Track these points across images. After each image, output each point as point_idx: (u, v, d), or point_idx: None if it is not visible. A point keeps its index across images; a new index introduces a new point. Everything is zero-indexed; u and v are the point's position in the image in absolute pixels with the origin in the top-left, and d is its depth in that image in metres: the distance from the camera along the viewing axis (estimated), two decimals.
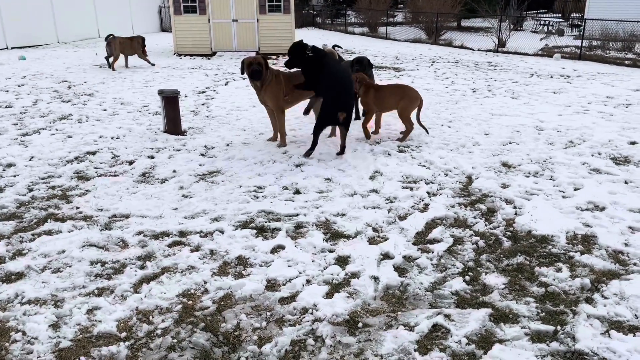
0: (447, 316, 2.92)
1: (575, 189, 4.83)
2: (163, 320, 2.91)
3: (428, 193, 4.76)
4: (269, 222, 4.15)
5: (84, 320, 2.90)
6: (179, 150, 6.18)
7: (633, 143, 6.34)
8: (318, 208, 4.42)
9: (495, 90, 10.15)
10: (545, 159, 5.73)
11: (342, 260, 3.56)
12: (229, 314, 2.96)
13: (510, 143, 6.40)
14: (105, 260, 3.55)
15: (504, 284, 3.26)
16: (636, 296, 3.08)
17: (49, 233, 3.96)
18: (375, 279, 3.32)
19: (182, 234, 3.96)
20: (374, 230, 4.02)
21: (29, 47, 18.23)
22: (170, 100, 6.71)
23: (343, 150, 5.89)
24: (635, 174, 5.21)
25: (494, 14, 21.25)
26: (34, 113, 8.04)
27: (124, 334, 2.79)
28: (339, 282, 3.29)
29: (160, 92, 6.74)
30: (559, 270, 3.41)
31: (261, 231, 4.01)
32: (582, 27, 17.92)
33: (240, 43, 16.82)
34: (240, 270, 3.44)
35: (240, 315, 2.95)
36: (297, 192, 4.80)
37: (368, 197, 4.65)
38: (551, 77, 11.96)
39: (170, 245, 3.77)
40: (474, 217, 4.26)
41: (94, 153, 6.02)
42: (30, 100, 8.98)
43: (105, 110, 8.32)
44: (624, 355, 2.58)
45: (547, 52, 17.07)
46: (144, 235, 3.92)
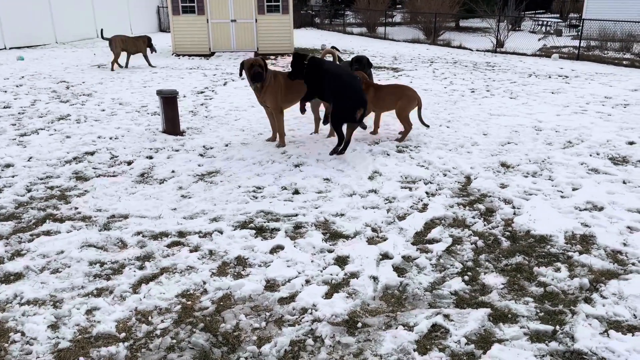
0: (446, 316, 2.92)
1: (574, 189, 4.84)
2: (162, 321, 2.91)
3: (427, 193, 4.77)
4: (268, 222, 4.15)
5: (83, 320, 2.90)
6: (177, 150, 6.17)
7: (631, 143, 6.35)
8: (317, 208, 4.43)
9: (493, 91, 10.16)
10: (544, 159, 5.73)
11: (341, 261, 3.56)
12: (228, 314, 2.96)
13: (508, 143, 6.41)
14: (104, 261, 3.55)
15: (502, 284, 3.27)
16: (635, 296, 3.08)
17: (48, 233, 3.96)
18: (375, 279, 3.32)
19: (181, 234, 3.96)
20: (373, 230, 4.02)
21: (27, 48, 18.21)
22: (168, 100, 6.71)
23: (346, 145, 5.80)
24: (634, 174, 5.22)
25: (492, 14, 21.31)
26: (32, 113, 8.03)
27: (123, 335, 2.79)
28: (338, 282, 3.29)
29: (158, 93, 6.74)
30: (558, 270, 3.42)
31: (260, 231, 4.01)
32: (580, 28, 17.97)
33: (239, 43, 16.82)
34: (239, 271, 3.44)
35: (240, 316, 2.95)
36: (296, 192, 4.80)
37: (367, 197, 4.66)
38: (549, 78, 11.98)
39: (169, 246, 3.77)
40: (473, 217, 4.26)
41: (92, 153, 6.01)
42: (28, 101, 8.96)
43: (103, 110, 8.31)
44: (623, 355, 2.59)
45: (545, 53, 17.10)
46: (143, 236, 3.92)
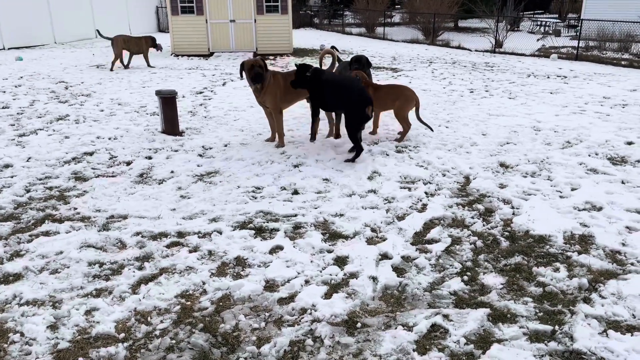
0: (446, 316, 2.92)
1: (573, 189, 4.85)
2: (161, 321, 2.90)
3: (426, 193, 4.77)
4: (268, 223, 4.15)
5: (82, 321, 2.90)
6: (176, 150, 6.17)
7: (630, 143, 6.36)
8: (316, 208, 4.43)
9: (492, 91, 10.17)
10: (543, 159, 5.74)
11: (341, 261, 3.56)
12: (228, 315, 2.96)
13: (507, 143, 6.41)
14: (103, 261, 3.55)
15: (502, 284, 3.27)
16: (634, 296, 3.09)
17: (47, 234, 3.95)
18: (374, 279, 3.32)
19: (180, 234, 3.96)
20: (373, 230, 4.03)
21: (26, 48, 18.19)
22: (167, 100, 6.70)
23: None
24: (632, 174, 5.23)
25: (491, 15, 21.32)
26: (31, 114, 8.02)
27: (122, 335, 2.79)
28: (338, 283, 3.30)
29: (157, 93, 6.74)
30: (557, 270, 3.42)
31: (259, 232, 4.01)
32: (579, 28, 17.99)
33: (238, 43, 16.82)
34: (238, 271, 3.44)
35: (239, 316, 2.95)
36: (296, 193, 4.80)
37: (366, 198, 4.66)
38: (548, 78, 11.99)
39: (168, 246, 3.77)
40: (472, 217, 4.26)
41: (91, 154, 6.01)
42: (27, 101, 8.95)
43: (102, 110, 8.30)
44: (622, 355, 2.60)
45: (544, 53, 17.12)
46: (142, 236, 3.91)
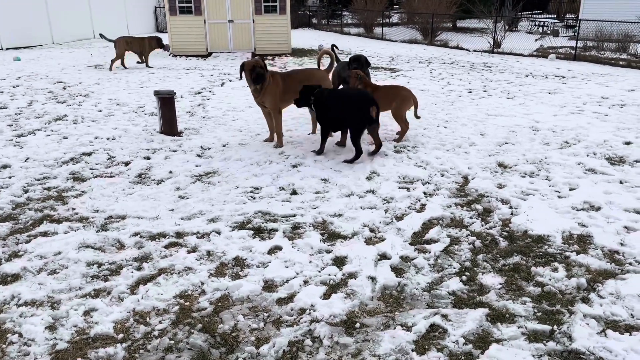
0: (444, 316, 2.92)
1: (571, 189, 4.85)
2: (160, 322, 2.90)
3: (425, 193, 4.77)
4: (266, 223, 4.15)
5: (81, 321, 2.89)
6: (175, 151, 6.17)
7: (628, 143, 6.37)
8: (315, 209, 4.43)
9: (490, 91, 10.18)
10: (541, 159, 5.75)
11: (340, 261, 3.56)
12: (227, 315, 2.96)
13: (506, 143, 6.42)
14: (102, 262, 3.54)
15: (500, 284, 3.27)
16: (632, 295, 3.09)
17: (45, 234, 3.95)
18: (373, 279, 3.32)
19: (179, 235, 3.95)
20: (371, 230, 4.03)
21: (24, 48, 18.17)
22: (166, 101, 6.70)
23: (379, 148, 5.92)
24: (630, 174, 5.24)
25: (489, 15, 21.32)
26: (29, 114, 8.01)
27: (120, 336, 2.78)
28: (336, 283, 3.29)
29: (156, 93, 6.73)
30: (555, 270, 3.43)
31: (258, 232, 4.01)
32: (577, 28, 18.02)
33: (236, 44, 16.81)
34: (237, 271, 3.44)
35: (238, 316, 2.94)
36: (294, 193, 4.80)
37: (365, 198, 4.66)
38: (546, 78, 12.01)
39: (166, 247, 3.77)
40: (471, 217, 4.27)
41: (89, 154, 6.00)
42: (25, 101, 8.94)
43: (100, 111, 8.29)
44: (620, 355, 2.60)
45: (542, 53, 17.14)
46: (141, 237, 3.91)
